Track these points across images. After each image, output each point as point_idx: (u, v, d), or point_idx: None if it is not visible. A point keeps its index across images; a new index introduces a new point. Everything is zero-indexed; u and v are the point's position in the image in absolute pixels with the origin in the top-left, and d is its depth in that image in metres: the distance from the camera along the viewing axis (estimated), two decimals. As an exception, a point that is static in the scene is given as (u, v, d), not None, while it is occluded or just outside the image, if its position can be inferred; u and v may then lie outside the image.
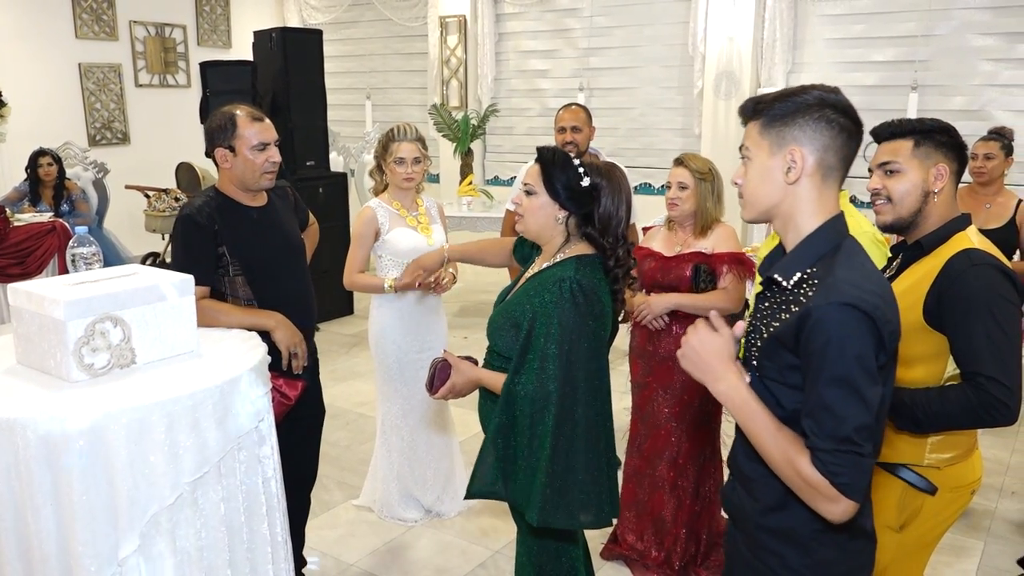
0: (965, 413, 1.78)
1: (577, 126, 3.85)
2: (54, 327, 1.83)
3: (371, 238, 3.23)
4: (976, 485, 1.98)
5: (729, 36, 6.63)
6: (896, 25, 6.18)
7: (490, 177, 8.41)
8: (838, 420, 1.32)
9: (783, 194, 1.46)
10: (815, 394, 1.35)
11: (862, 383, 1.33)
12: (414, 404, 3.37)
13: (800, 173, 1.44)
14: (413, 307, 3.27)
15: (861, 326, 1.33)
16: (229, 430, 1.87)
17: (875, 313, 1.33)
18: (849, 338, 1.33)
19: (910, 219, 1.94)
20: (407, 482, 3.44)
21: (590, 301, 1.97)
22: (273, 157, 2.52)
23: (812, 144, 1.43)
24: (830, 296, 1.35)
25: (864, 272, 1.41)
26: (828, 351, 1.33)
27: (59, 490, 1.68)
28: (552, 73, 7.94)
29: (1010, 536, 3.36)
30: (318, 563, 3.15)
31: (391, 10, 8.76)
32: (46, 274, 5.52)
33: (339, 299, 6.49)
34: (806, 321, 1.36)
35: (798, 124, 1.43)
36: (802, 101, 1.43)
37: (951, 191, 1.93)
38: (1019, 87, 5.82)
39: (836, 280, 1.37)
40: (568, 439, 1.95)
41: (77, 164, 6.90)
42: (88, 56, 7.89)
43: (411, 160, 3.17)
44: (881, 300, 1.36)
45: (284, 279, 2.61)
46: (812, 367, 1.36)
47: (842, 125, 1.43)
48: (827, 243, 1.44)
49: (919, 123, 1.94)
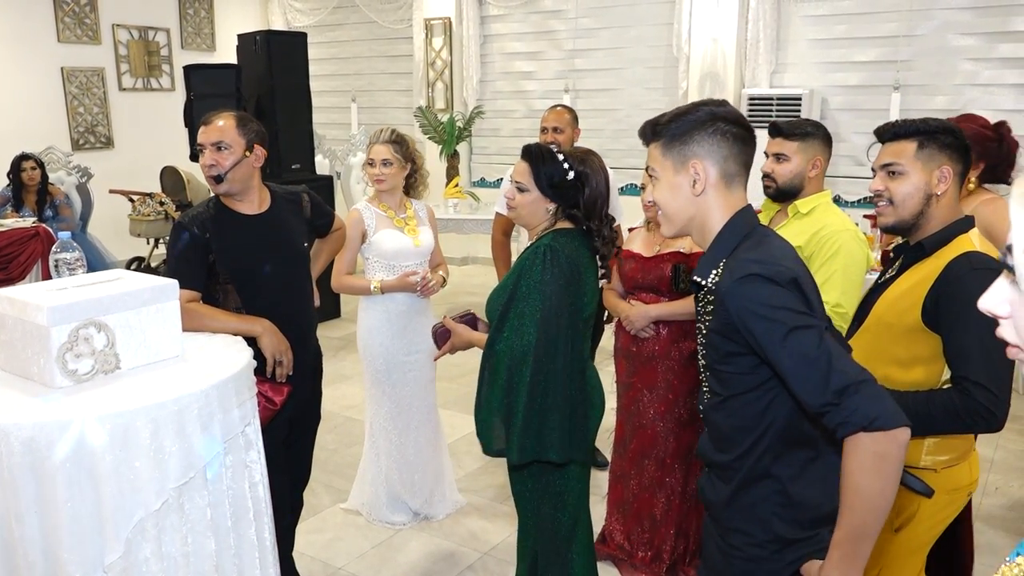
0: (949, 417, 1.77)
1: (559, 127, 3.89)
2: (37, 333, 1.82)
3: (358, 240, 3.23)
4: (973, 487, 1.97)
5: (713, 37, 6.66)
6: (878, 25, 6.23)
7: (476, 179, 8.41)
8: (819, 380, 1.36)
9: (694, 206, 1.57)
10: (783, 368, 1.40)
11: (806, 334, 1.38)
12: (402, 407, 3.36)
13: (705, 184, 1.55)
14: (401, 309, 3.27)
15: (768, 286, 1.42)
16: (215, 435, 1.86)
17: (775, 275, 1.41)
18: (764, 302, 1.41)
19: (912, 221, 1.91)
20: (395, 485, 3.43)
21: (563, 263, 2.14)
22: (206, 160, 2.48)
23: (711, 157, 1.54)
24: (733, 275, 1.45)
25: (766, 250, 1.50)
26: (756, 324, 1.41)
27: (43, 497, 1.67)
28: (537, 75, 7.95)
29: (993, 533, 3.39)
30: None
31: (376, 12, 8.74)
32: (29, 279, 5.48)
33: (326, 302, 6.40)
34: (722, 307, 1.47)
35: (695, 140, 1.54)
36: (695, 118, 1.55)
37: (954, 193, 1.90)
38: (1000, 86, 5.87)
39: (737, 261, 1.48)
40: (543, 388, 2.12)
41: (60, 168, 6.85)
42: (71, 60, 7.84)
43: (379, 162, 3.19)
44: (782, 265, 1.45)
45: (276, 289, 2.59)
46: (759, 345, 1.43)
47: (735, 135, 1.54)
48: (736, 235, 1.54)
49: (923, 124, 1.90)
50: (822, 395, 1.35)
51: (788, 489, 1.53)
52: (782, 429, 1.52)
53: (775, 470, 1.53)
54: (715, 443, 1.63)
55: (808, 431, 1.52)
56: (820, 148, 2.63)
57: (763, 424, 1.53)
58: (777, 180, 2.64)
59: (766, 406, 1.52)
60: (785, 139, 2.62)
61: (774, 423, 1.52)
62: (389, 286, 3.20)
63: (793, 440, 1.53)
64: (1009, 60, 5.80)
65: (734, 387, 1.54)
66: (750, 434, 1.54)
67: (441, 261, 3.45)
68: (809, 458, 1.53)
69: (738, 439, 1.57)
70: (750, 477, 1.55)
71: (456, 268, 8.41)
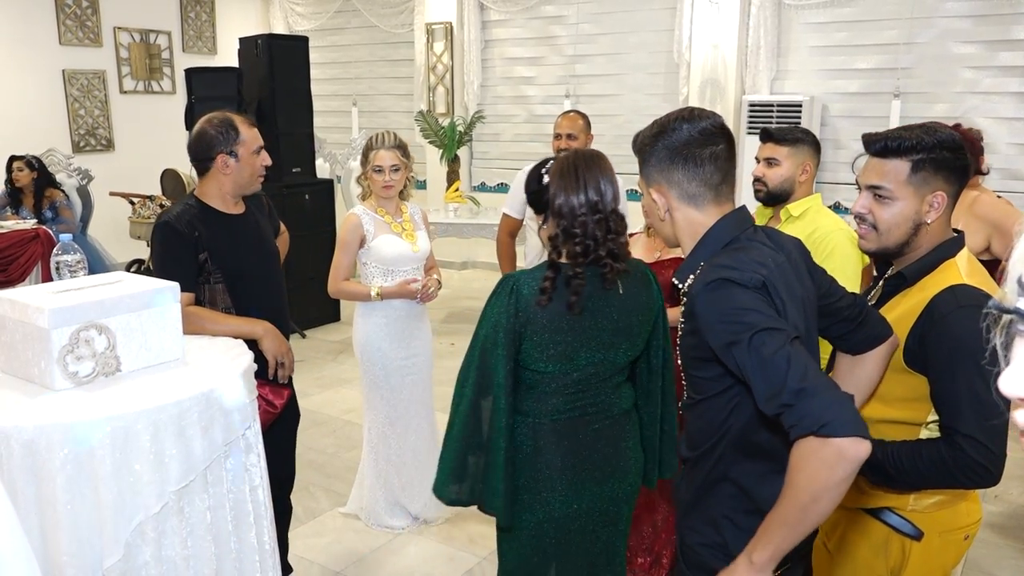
0: (938, 473, 1.59)
1: (572, 133, 3.86)
2: (38, 335, 1.82)
3: (356, 245, 3.23)
4: (972, 530, 1.79)
5: (714, 44, 6.68)
6: (879, 33, 6.24)
7: (477, 183, 8.41)
8: (777, 382, 1.30)
9: (669, 224, 1.59)
10: (744, 370, 1.35)
11: (770, 336, 1.32)
12: (400, 411, 3.36)
13: (668, 207, 1.57)
14: (399, 314, 3.27)
15: (735, 290, 1.38)
16: (215, 438, 1.86)
17: (743, 280, 1.38)
18: (729, 305, 1.38)
19: (896, 250, 1.72)
20: (395, 489, 3.43)
21: (509, 297, 1.89)
22: (267, 160, 2.61)
23: (667, 182, 1.55)
24: (704, 279, 1.43)
25: (743, 255, 1.46)
26: (720, 327, 1.38)
27: (43, 499, 1.67)
28: (538, 80, 7.96)
29: (993, 540, 3.39)
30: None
31: (377, 17, 8.76)
32: (29, 281, 5.48)
33: (325, 306, 6.47)
34: (691, 311, 1.45)
35: (650, 165, 1.57)
36: (645, 144, 1.57)
37: (947, 215, 1.69)
38: (1000, 94, 5.88)
39: (710, 266, 1.45)
40: (452, 417, 1.96)
41: (61, 171, 6.85)
42: (72, 62, 7.85)
43: (388, 168, 3.17)
44: (753, 270, 1.41)
45: (263, 288, 2.63)
46: (722, 347, 1.39)
47: (688, 156, 1.52)
48: (717, 242, 1.52)
49: (919, 140, 1.63)
50: (778, 396, 1.29)
51: (750, 494, 1.51)
52: (736, 436, 1.51)
53: (733, 474, 1.53)
54: (687, 438, 1.65)
55: (765, 442, 1.49)
56: (809, 154, 2.67)
57: (722, 429, 1.52)
58: (768, 184, 2.67)
59: (728, 413, 1.51)
60: (776, 144, 2.66)
61: (731, 429, 1.51)
62: (389, 293, 3.20)
63: (749, 449, 1.51)
64: (1009, 68, 5.81)
65: (703, 391, 1.54)
66: (710, 438, 1.55)
67: (434, 264, 3.45)
68: (772, 469, 1.47)
69: (700, 441, 1.58)
70: (711, 479, 1.56)
71: (456, 272, 8.43)
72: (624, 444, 2.05)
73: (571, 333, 1.90)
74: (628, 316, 1.97)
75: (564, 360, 1.93)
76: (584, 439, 1.99)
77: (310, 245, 5.92)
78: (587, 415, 1.99)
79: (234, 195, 2.58)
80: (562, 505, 1.99)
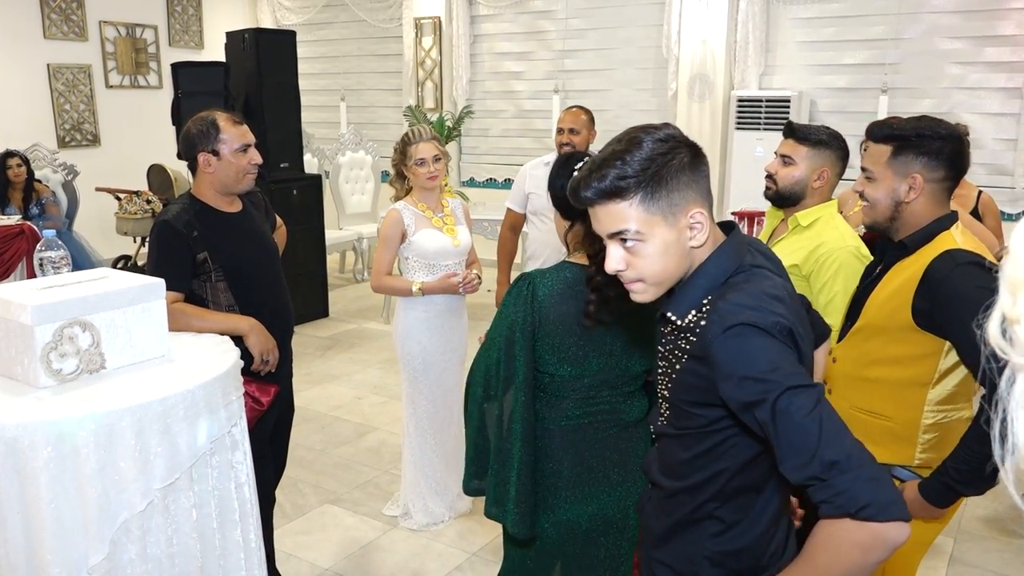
0: (984, 439, 1.56)
1: (575, 128, 3.85)
2: (21, 332, 1.80)
3: (397, 240, 3.25)
4: None
5: (702, 39, 6.68)
6: (866, 28, 6.26)
7: (466, 179, 8.40)
8: (808, 451, 1.18)
9: None
10: (769, 433, 1.23)
11: (800, 396, 1.21)
12: (439, 405, 3.39)
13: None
14: (439, 309, 3.30)
15: (755, 340, 1.25)
16: (201, 436, 1.85)
17: (771, 327, 1.25)
18: (752, 362, 1.24)
19: (884, 224, 1.97)
20: (441, 481, 3.45)
21: (526, 296, 1.87)
22: (255, 159, 2.57)
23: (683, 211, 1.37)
24: (723, 323, 1.28)
25: (753, 290, 1.31)
26: (745, 385, 1.24)
27: (27, 498, 1.65)
28: (527, 75, 7.95)
29: (980, 532, 3.41)
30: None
31: (365, 11, 8.72)
32: (14, 278, 5.43)
33: (314, 302, 6.45)
34: (705, 357, 1.30)
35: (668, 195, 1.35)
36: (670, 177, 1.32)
37: (932, 195, 1.90)
38: (986, 90, 5.91)
39: (726, 304, 1.30)
40: (467, 415, 2.02)
41: (46, 166, 6.80)
42: (57, 57, 7.78)
43: (431, 159, 3.19)
44: (778, 313, 1.28)
45: (265, 284, 2.64)
46: (740, 406, 1.26)
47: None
48: (722, 271, 1.37)
49: (900, 129, 1.89)
50: (808, 467, 1.17)
51: (730, 532, 1.40)
52: (728, 479, 1.38)
53: (719, 512, 1.40)
54: (663, 466, 1.49)
55: (758, 476, 1.39)
56: (831, 160, 2.45)
57: (712, 469, 1.39)
58: (778, 183, 2.48)
59: (721, 455, 1.38)
60: (796, 142, 2.45)
61: (723, 472, 1.38)
62: (430, 288, 3.21)
63: (740, 489, 1.40)
64: (995, 64, 5.84)
65: (694, 426, 1.39)
66: (695, 473, 1.41)
67: (475, 259, 3.46)
68: (758, 499, 1.40)
69: (682, 474, 1.43)
70: (694, 517, 1.42)
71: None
72: (634, 453, 1.99)
73: (584, 337, 1.87)
74: (645, 326, 1.86)
75: (576, 364, 1.89)
76: (593, 446, 1.95)
77: (298, 241, 5.88)
78: (597, 422, 1.95)
79: (223, 193, 2.56)
80: (568, 511, 1.96)
